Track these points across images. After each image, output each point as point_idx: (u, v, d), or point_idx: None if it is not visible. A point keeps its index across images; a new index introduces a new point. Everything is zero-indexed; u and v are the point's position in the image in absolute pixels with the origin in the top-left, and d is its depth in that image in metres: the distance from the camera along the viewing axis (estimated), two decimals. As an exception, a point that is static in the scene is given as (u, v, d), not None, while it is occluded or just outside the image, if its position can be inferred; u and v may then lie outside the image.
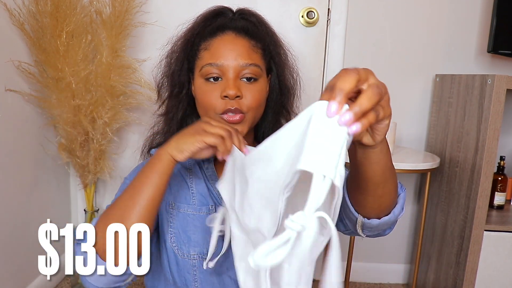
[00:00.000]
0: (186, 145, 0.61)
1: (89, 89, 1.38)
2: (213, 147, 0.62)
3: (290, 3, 1.58)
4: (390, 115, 0.46)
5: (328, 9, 1.59)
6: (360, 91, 0.42)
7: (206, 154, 0.64)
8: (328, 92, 0.41)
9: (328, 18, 1.60)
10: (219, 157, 0.62)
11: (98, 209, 1.55)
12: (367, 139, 0.49)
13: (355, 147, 0.53)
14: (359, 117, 0.40)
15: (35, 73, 1.34)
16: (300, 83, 0.90)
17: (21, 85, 1.32)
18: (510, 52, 1.57)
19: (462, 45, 1.69)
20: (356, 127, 0.40)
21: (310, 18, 1.57)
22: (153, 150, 0.86)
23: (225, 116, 0.74)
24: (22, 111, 1.34)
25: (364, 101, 0.40)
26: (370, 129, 0.48)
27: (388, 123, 0.47)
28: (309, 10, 1.57)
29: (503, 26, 1.54)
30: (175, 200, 0.77)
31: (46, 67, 1.33)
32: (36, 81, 1.34)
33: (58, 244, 1.74)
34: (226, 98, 0.74)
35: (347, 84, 0.40)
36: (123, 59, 1.39)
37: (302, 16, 1.58)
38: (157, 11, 1.50)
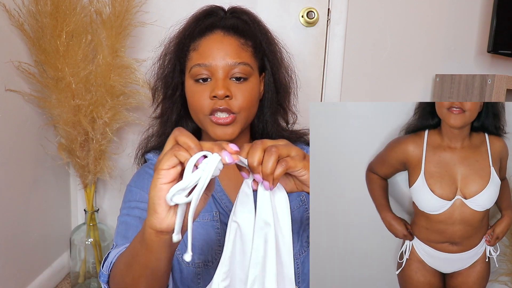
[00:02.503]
0: (154, 200, 0.47)
1: (89, 89, 1.38)
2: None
3: (290, 3, 1.58)
4: (304, 168, 0.53)
5: (328, 9, 1.59)
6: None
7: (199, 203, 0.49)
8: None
9: (328, 18, 1.59)
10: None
11: (98, 209, 1.54)
12: (306, 189, 0.57)
13: None
14: (269, 174, 0.50)
15: (35, 73, 1.34)
16: (296, 81, 0.89)
17: (21, 85, 1.32)
18: (510, 52, 1.57)
19: (462, 45, 1.69)
20: (265, 185, 0.51)
21: (310, 18, 1.57)
22: (148, 154, 0.86)
23: (213, 117, 0.73)
24: (22, 111, 1.34)
25: (265, 168, 0.50)
26: (300, 182, 0.56)
27: (309, 175, 0.55)
28: (309, 10, 1.57)
29: (503, 26, 1.54)
30: None
31: (46, 67, 1.33)
32: (36, 81, 1.34)
33: (60, 243, 1.75)
34: (215, 98, 0.73)
35: (256, 158, 0.51)
36: (123, 59, 1.39)
37: (302, 16, 1.58)
38: (157, 11, 1.50)
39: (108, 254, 0.68)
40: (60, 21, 1.28)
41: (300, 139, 0.88)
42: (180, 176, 0.47)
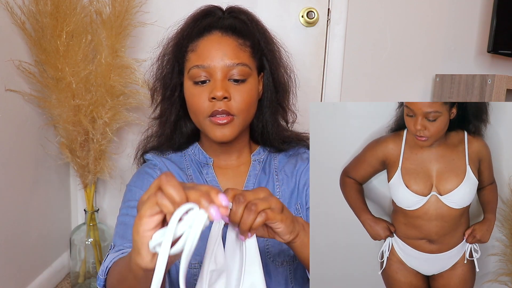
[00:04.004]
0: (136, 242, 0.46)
1: (89, 89, 1.38)
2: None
3: (290, 3, 1.58)
4: (281, 221, 0.54)
5: (328, 9, 1.59)
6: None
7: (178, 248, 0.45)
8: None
9: (328, 18, 1.59)
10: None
11: (98, 209, 1.55)
12: (278, 238, 0.57)
13: None
14: (246, 231, 0.52)
15: (35, 73, 1.34)
16: (295, 80, 0.89)
17: (21, 85, 1.32)
18: (510, 52, 1.57)
19: (462, 45, 1.69)
20: (240, 238, 0.54)
21: (310, 18, 1.57)
22: (147, 155, 0.86)
23: (213, 119, 0.73)
24: (22, 111, 1.34)
25: (243, 225, 0.52)
26: (273, 231, 0.57)
27: (285, 228, 0.55)
28: (309, 10, 1.57)
29: (503, 26, 1.54)
30: None
31: (46, 67, 1.33)
32: (36, 81, 1.34)
33: (60, 243, 1.75)
34: (214, 99, 0.73)
35: (237, 216, 0.52)
36: (123, 59, 1.39)
37: (302, 16, 1.58)
38: (157, 11, 1.50)
39: (106, 256, 0.68)
40: (60, 21, 1.28)
41: (301, 142, 0.88)
42: (163, 221, 0.45)
